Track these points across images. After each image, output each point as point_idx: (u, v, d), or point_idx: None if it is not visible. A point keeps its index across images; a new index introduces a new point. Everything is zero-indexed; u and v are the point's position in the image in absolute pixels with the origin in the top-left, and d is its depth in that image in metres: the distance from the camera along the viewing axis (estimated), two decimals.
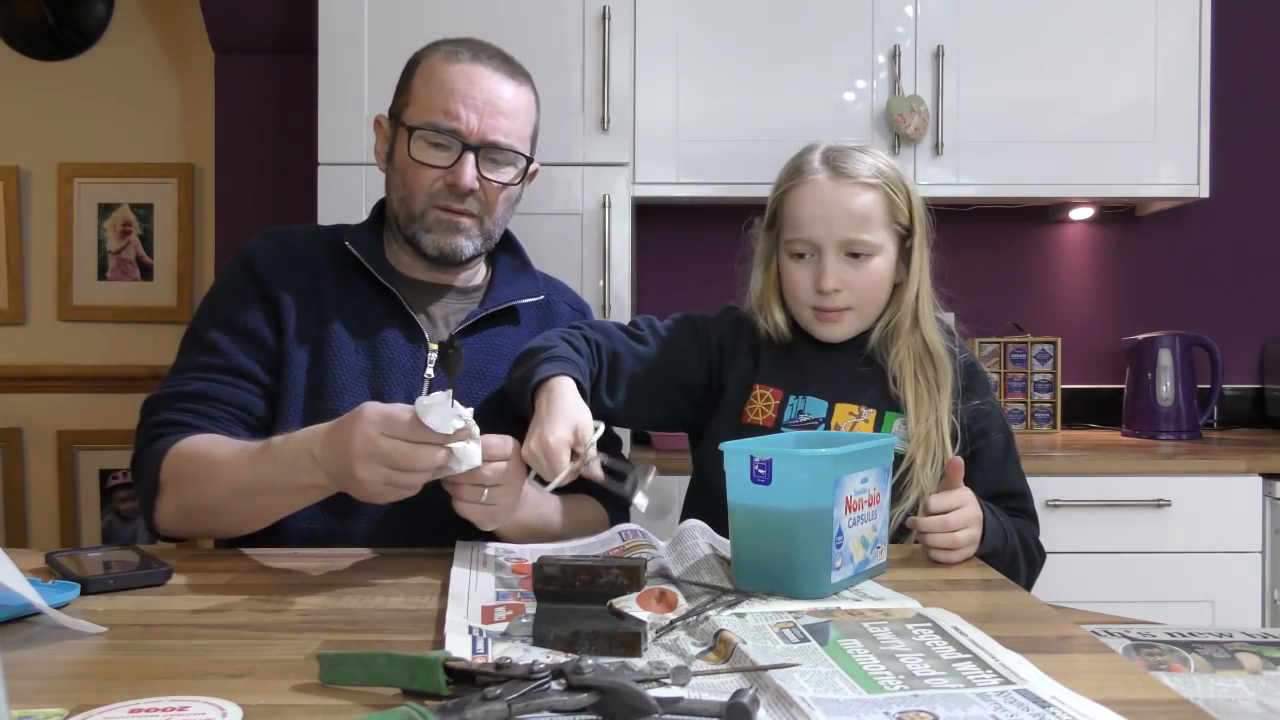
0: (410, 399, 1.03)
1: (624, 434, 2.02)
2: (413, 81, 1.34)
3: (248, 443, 1.17)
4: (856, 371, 1.35)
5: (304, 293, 1.33)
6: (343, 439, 1.01)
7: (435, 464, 1.00)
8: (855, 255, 1.30)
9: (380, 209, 1.42)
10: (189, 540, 1.28)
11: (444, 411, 0.97)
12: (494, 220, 1.36)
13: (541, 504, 1.24)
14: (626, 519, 1.27)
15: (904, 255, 1.35)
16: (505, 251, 1.46)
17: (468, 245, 1.33)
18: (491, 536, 1.18)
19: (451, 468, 1.02)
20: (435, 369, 1.31)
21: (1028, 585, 1.29)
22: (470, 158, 1.29)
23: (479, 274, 1.44)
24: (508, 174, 1.34)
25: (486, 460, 1.06)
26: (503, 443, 1.09)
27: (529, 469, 1.11)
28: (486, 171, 1.31)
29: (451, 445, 1.00)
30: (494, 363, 1.36)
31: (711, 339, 1.40)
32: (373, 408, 1.01)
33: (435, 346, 1.33)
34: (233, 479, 1.14)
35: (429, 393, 1.26)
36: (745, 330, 1.40)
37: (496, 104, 1.30)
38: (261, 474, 1.12)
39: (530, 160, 1.37)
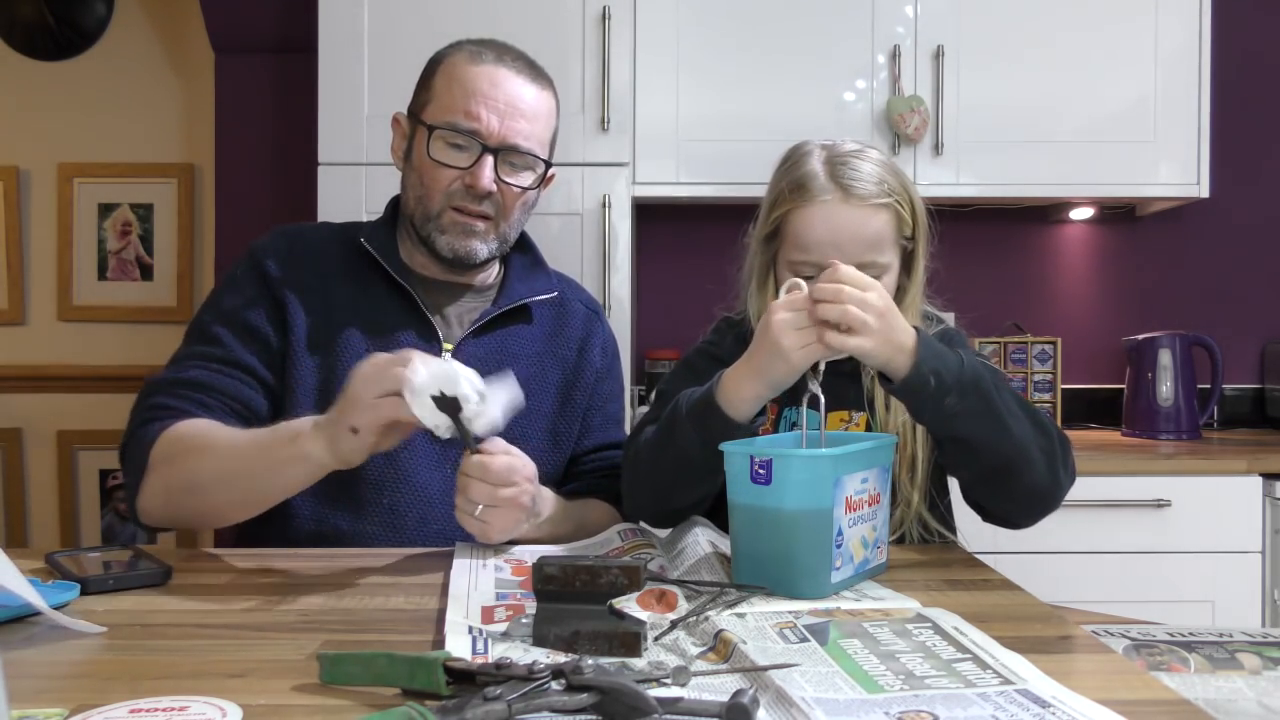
0: None
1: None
2: (434, 80, 1.32)
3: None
4: (840, 372, 1.33)
5: (313, 293, 1.32)
6: (347, 383, 1.05)
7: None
8: None
9: (394, 206, 1.41)
10: (171, 529, 1.27)
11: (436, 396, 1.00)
12: (509, 224, 1.34)
13: (548, 512, 1.21)
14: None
15: (905, 263, 1.29)
16: (518, 249, 1.44)
17: (482, 248, 1.32)
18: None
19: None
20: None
21: (1049, 463, 1.14)
22: (489, 160, 1.28)
23: (492, 273, 1.43)
24: (526, 178, 1.32)
25: (483, 480, 1.06)
26: (505, 466, 1.08)
27: None
28: (505, 175, 1.30)
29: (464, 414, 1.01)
30: (508, 362, 1.34)
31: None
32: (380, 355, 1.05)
33: (449, 347, 1.32)
34: (226, 451, 1.14)
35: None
36: (745, 344, 1.38)
37: (518, 106, 1.29)
38: (255, 441, 1.12)
39: (548, 165, 1.35)
